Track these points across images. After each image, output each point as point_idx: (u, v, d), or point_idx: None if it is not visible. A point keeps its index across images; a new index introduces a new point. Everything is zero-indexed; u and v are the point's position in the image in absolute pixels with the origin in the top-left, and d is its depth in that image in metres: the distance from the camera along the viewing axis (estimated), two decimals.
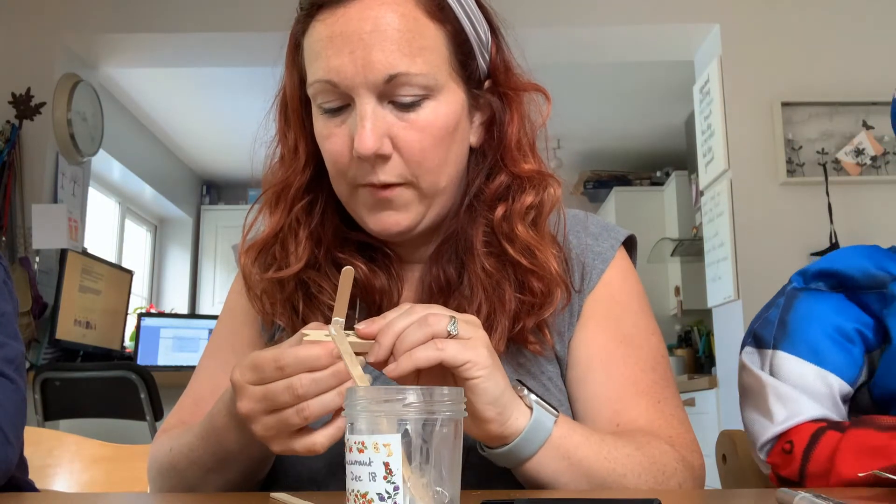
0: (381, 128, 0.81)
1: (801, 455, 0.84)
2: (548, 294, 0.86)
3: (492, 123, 0.91)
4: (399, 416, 0.54)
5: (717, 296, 3.53)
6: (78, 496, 0.98)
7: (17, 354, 0.99)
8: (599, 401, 0.87)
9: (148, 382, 2.82)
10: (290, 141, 0.91)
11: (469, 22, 0.87)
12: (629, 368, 0.88)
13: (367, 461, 0.53)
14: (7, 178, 3.37)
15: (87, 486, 1.31)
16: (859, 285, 0.97)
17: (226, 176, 6.48)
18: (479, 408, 0.69)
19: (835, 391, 0.92)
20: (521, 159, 0.90)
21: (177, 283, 6.25)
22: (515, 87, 0.92)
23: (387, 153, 0.81)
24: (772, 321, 0.99)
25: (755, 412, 0.93)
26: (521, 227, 0.87)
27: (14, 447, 0.93)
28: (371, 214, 0.86)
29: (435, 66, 0.82)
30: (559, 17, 3.48)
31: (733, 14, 3.51)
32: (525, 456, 0.73)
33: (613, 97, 4.88)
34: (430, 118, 0.82)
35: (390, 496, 0.53)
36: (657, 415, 0.86)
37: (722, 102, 3.45)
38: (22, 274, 3.23)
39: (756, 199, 3.35)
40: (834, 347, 0.94)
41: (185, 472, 0.85)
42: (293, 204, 0.90)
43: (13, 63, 3.54)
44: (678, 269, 5.30)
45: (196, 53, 3.91)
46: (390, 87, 0.80)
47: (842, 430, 0.84)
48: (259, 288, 0.92)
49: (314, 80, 0.83)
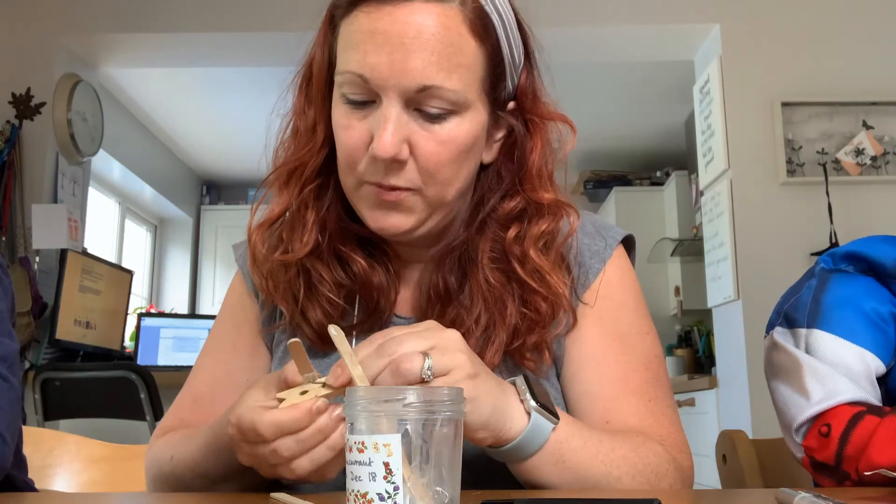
0: (403, 133, 0.80)
1: (838, 438, 0.83)
2: (552, 316, 0.87)
3: (512, 145, 0.91)
4: (399, 416, 0.54)
5: (717, 296, 3.53)
6: (78, 496, 0.97)
7: (11, 352, 0.98)
8: (590, 398, 0.88)
9: (148, 382, 2.82)
10: (308, 118, 0.90)
11: (507, 43, 0.87)
12: (621, 367, 0.88)
13: (367, 461, 0.53)
14: (7, 178, 3.37)
15: (87, 486, 1.31)
16: (888, 272, 0.97)
17: (226, 176, 6.48)
18: (469, 435, 0.70)
19: (871, 370, 0.91)
20: (540, 187, 0.90)
21: (177, 283, 6.25)
22: (541, 115, 0.91)
23: (403, 159, 0.81)
24: (804, 301, 0.98)
25: (790, 390, 0.92)
26: (534, 252, 0.87)
27: (9, 446, 0.92)
28: (372, 213, 0.85)
29: (468, 84, 0.82)
30: (559, 17, 3.47)
31: (733, 14, 3.51)
32: (520, 458, 0.74)
33: (613, 97, 4.88)
34: (452, 133, 0.82)
35: (390, 496, 0.53)
36: (647, 414, 0.86)
37: (722, 102, 3.45)
38: (22, 274, 3.23)
39: (756, 199, 3.35)
40: (870, 327, 0.93)
41: (189, 483, 0.85)
42: (305, 185, 0.90)
43: (13, 63, 3.54)
44: (678, 269, 5.30)
45: (196, 53, 3.91)
46: (420, 96, 0.80)
47: (881, 415, 0.82)
48: (265, 268, 0.92)
49: (346, 69, 0.82)
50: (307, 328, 0.91)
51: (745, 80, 3.44)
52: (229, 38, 3.67)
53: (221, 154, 5.98)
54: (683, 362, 5.00)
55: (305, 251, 0.89)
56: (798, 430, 0.88)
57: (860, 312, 0.94)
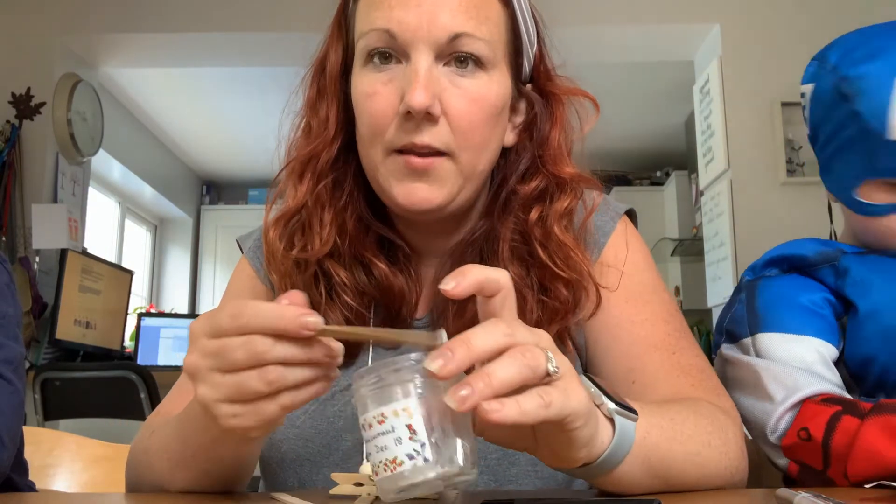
0: (435, 87, 0.78)
1: (821, 443, 0.83)
2: (574, 302, 0.85)
3: (531, 124, 0.90)
4: (410, 382, 0.54)
5: (717, 296, 3.53)
6: (78, 496, 0.97)
7: (16, 356, 0.99)
8: (612, 360, 0.85)
9: (148, 382, 2.82)
10: (320, 111, 0.88)
11: (523, 19, 0.87)
12: (637, 326, 0.85)
13: (390, 428, 0.54)
14: (7, 178, 3.37)
15: (87, 486, 1.31)
16: (811, 262, 0.97)
17: (226, 176, 6.48)
18: (572, 454, 0.59)
19: (825, 356, 0.91)
20: (562, 162, 0.89)
21: (177, 283, 6.25)
22: (561, 90, 0.91)
23: (437, 113, 0.79)
24: (740, 314, 0.98)
25: (753, 399, 0.91)
26: (558, 229, 0.85)
27: (8, 449, 0.92)
28: (401, 185, 0.81)
29: (495, 38, 0.82)
30: (558, 18, 3.47)
31: (733, 14, 3.51)
32: (608, 469, 0.63)
33: (613, 97, 4.88)
34: (482, 90, 0.81)
35: (419, 453, 0.53)
36: (673, 366, 0.82)
37: (722, 102, 3.45)
38: (22, 274, 3.23)
39: (756, 199, 3.35)
40: (809, 315, 0.93)
41: (153, 461, 0.76)
42: (319, 179, 0.87)
43: (13, 63, 3.54)
44: (678, 269, 5.30)
45: (196, 53, 3.91)
46: (451, 45, 0.79)
47: (860, 416, 0.81)
48: (283, 267, 0.89)
49: (370, 28, 0.80)
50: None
51: (745, 80, 3.44)
52: (229, 38, 3.67)
53: (221, 154, 5.98)
54: None
55: (325, 250, 0.86)
56: (772, 432, 0.88)
57: (796, 305, 0.94)
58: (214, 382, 0.56)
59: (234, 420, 0.57)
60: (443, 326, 0.84)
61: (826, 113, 0.97)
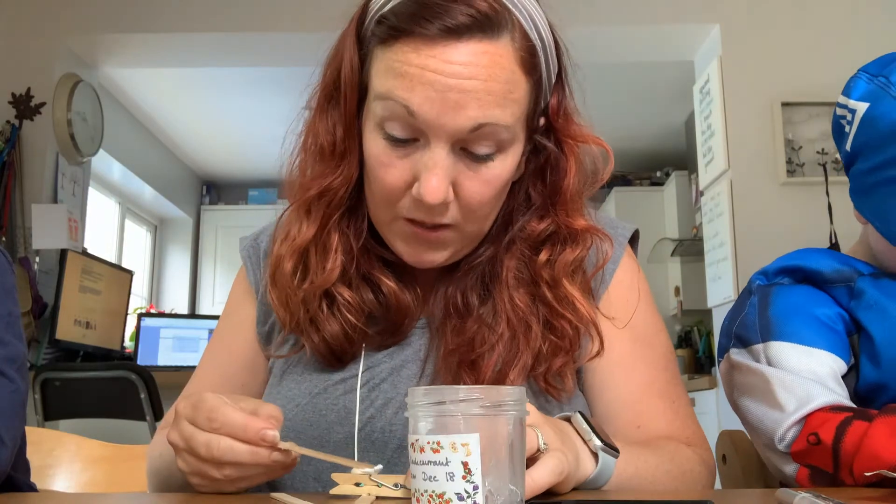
0: (451, 176, 0.78)
1: (831, 446, 0.82)
2: (576, 340, 0.86)
3: (544, 165, 0.89)
4: (477, 417, 0.53)
5: (717, 296, 3.53)
6: (78, 496, 0.97)
7: (19, 354, 0.99)
8: (620, 404, 0.89)
9: (148, 382, 2.82)
10: (337, 139, 0.84)
11: (546, 69, 0.84)
12: (647, 369, 0.90)
13: (444, 461, 0.53)
14: (7, 178, 3.37)
15: (87, 486, 1.31)
16: (826, 279, 0.96)
17: (226, 176, 6.48)
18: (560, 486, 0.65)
19: (835, 371, 0.91)
20: (575, 213, 0.89)
21: (177, 283, 6.25)
22: (575, 137, 0.89)
23: (449, 201, 0.79)
24: (751, 319, 0.97)
25: (763, 407, 0.90)
26: (567, 280, 0.86)
27: (8, 447, 0.92)
28: (407, 247, 0.84)
29: (517, 116, 0.80)
30: (558, 18, 3.47)
31: (733, 14, 3.51)
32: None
33: (613, 97, 4.88)
34: (497, 172, 0.80)
35: (469, 496, 0.52)
36: (674, 416, 0.88)
37: (722, 102, 3.45)
38: (22, 274, 3.23)
39: (756, 199, 3.35)
40: (823, 329, 0.93)
41: (168, 481, 0.86)
42: (333, 211, 0.86)
43: (13, 63, 3.54)
44: (678, 269, 5.30)
45: (196, 53, 3.91)
46: (472, 136, 0.77)
47: (869, 420, 0.81)
48: (293, 300, 0.88)
49: (389, 95, 0.77)
50: (315, 336, 0.88)
51: (745, 80, 3.44)
52: (229, 38, 3.67)
53: (221, 154, 5.98)
54: (683, 362, 5.01)
55: (333, 277, 0.86)
56: (781, 440, 0.87)
57: (811, 317, 0.93)
58: (185, 459, 0.71)
59: (201, 487, 0.72)
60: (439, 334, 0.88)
61: (881, 143, 0.89)
